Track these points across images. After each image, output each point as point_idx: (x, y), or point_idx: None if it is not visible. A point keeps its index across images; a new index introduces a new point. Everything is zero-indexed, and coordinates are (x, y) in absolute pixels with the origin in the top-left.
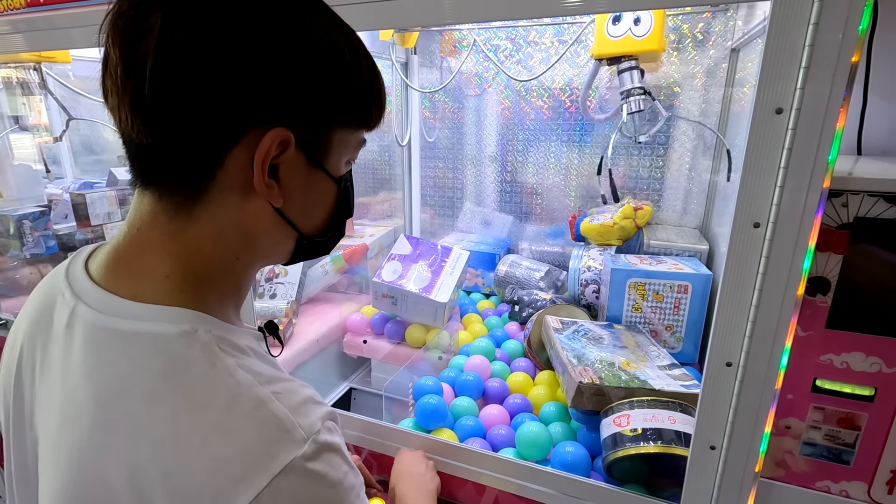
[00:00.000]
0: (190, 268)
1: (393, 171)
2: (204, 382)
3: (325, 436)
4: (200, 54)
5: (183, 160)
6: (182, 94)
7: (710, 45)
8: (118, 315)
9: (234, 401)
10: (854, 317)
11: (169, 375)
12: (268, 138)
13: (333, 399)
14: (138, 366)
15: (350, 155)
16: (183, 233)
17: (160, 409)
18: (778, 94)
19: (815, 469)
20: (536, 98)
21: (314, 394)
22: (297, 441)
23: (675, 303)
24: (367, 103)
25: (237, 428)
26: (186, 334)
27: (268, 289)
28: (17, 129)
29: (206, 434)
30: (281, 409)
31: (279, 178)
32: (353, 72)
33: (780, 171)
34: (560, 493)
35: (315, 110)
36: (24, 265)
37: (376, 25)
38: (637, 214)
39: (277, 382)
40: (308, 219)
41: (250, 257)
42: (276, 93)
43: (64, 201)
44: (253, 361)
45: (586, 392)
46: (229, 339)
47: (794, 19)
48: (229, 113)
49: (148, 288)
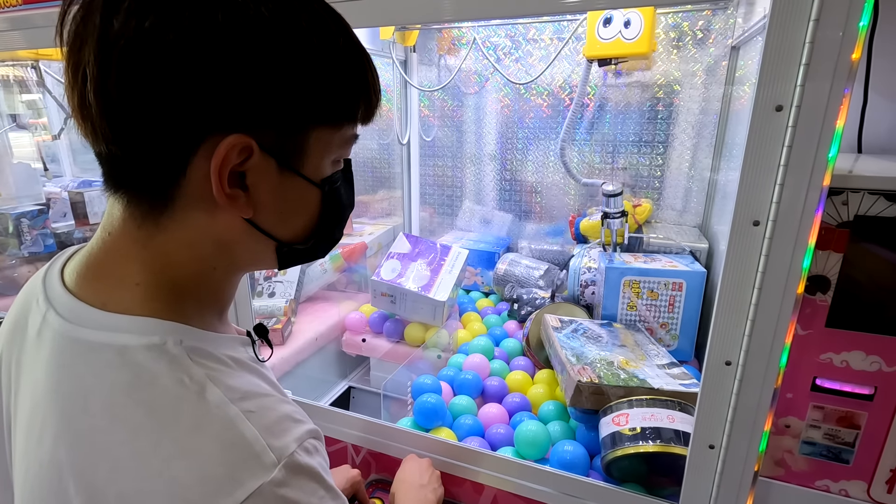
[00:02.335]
0: (163, 276)
1: (392, 170)
2: (169, 399)
3: (301, 458)
4: (144, 59)
5: (143, 168)
6: (128, 101)
7: (710, 42)
8: (86, 325)
9: (201, 421)
10: (854, 315)
11: (132, 391)
12: (223, 147)
13: (332, 398)
14: (103, 379)
15: (337, 154)
16: (153, 240)
17: (121, 427)
18: (778, 92)
19: (814, 468)
20: (536, 96)
21: (294, 410)
22: (266, 466)
23: (670, 300)
24: (350, 98)
25: (201, 450)
26: (154, 346)
27: (266, 287)
28: (15, 126)
29: (167, 456)
30: (251, 430)
31: (247, 186)
32: (328, 66)
33: (779, 169)
34: (559, 493)
35: (282, 112)
36: (23, 263)
37: (375, 22)
38: (636, 211)
39: (252, 399)
40: (285, 227)
41: (229, 267)
42: (231, 97)
43: (62, 200)
44: (230, 373)
45: (585, 391)
46: (205, 350)
47: (795, 16)
48: (182, 120)
49: (118, 296)
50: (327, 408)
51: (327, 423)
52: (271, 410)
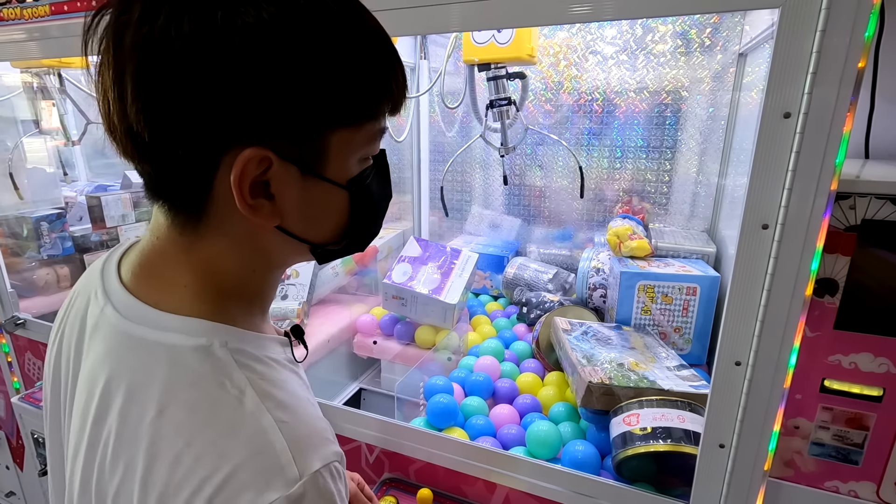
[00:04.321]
0: (208, 279)
1: (402, 175)
2: (209, 402)
3: (323, 480)
4: (155, 81)
5: (174, 183)
6: (147, 124)
7: (717, 49)
8: (140, 322)
9: (235, 425)
10: (862, 318)
11: (178, 390)
12: (239, 161)
13: (343, 399)
14: (153, 376)
15: (363, 152)
16: (194, 247)
17: (163, 422)
18: (786, 99)
19: (823, 469)
20: (544, 102)
21: (326, 428)
22: (288, 480)
23: (684, 305)
24: (368, 98)
25: (231, 453)
26: (201, 348)
27: (279, 290)
28: (38, 132)
29: (199, 454)
30: (280, 442)
31: (272, 195)
32: (341, 70)
33: (788, 174)
34: (570, 491)
35: (297, 121)
36: (41, 266)
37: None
38: (633, 248)
39: (288, 409)
40: (316, 230)
41: (268, 267)
42: (245, 111)
43: (79, 204)
44: (272, 377)
45: (596, 392)
46: (250, 352)
47: (802, 26)
48: (200, 138)
49: (169, 296)
50: (342, 407)
51: (342, 423)
52: (304, 425)
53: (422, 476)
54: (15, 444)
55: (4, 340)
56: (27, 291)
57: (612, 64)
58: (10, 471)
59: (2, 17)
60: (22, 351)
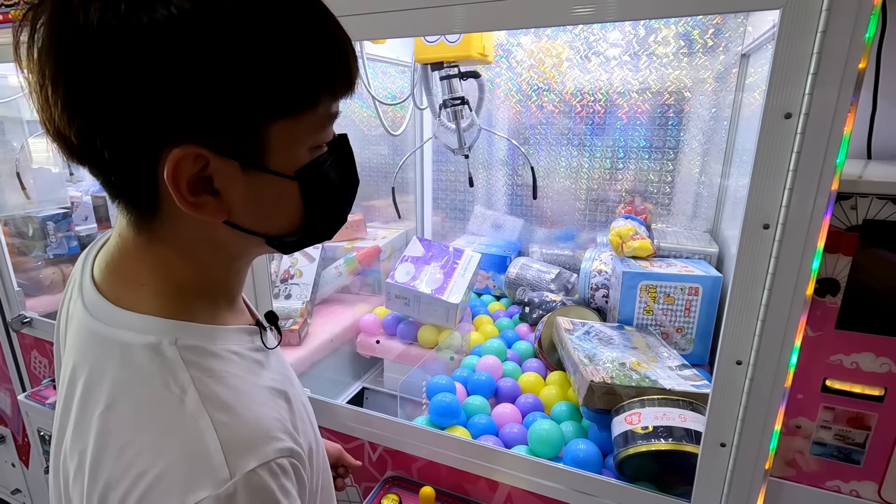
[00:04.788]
0: (166, 276)
1: (405, 175)
2: (153, 401)
3: (259, 479)
4: (82, 82)
5: (120, 183)
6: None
7: (720, 50)
8: (100, 318)
9: (174, 425)
10: (864, 317)
11: (126, 387)
12: (170, 160)
13: (346, 398)
14: (105, 370)
15: (312, 140)
16: (151, 245)
17: (112, 416)
18: (787, 100)
19: (825, 469)
20: (547, 103)
21: (274, 427)
22: (218, 480)
23: (686, 305)
24: (305, 85)
25: (168, 452)
26: (151, 347)
27: (283, 290)
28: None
29: (139, 451)
30: (214, 443)
31: (218, 191)
32: (272, 59)
33: (789, 174)
34: (572, 490)
35: (230, 116)
36: (48, 265)
37: (387, 34)
38: (634, 248)
39: (231, 410)
40: (268, 223)
41: (228, 261)
42: (169, 108)
43: (85, 203)
44: (223, 373)
45: (598, 391)
46: (203, 348)
47: (803, 27)
48: (131, 138)
49: (129, 294)
50: (345, 405)
51: (345, 421)
52: (245, 425)
53: (424, 474)
54: (21, 442)
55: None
56: (33, 290)
57: (614, 65)
58: (16, 468)
59: (9, 19)
60: (28, 349)
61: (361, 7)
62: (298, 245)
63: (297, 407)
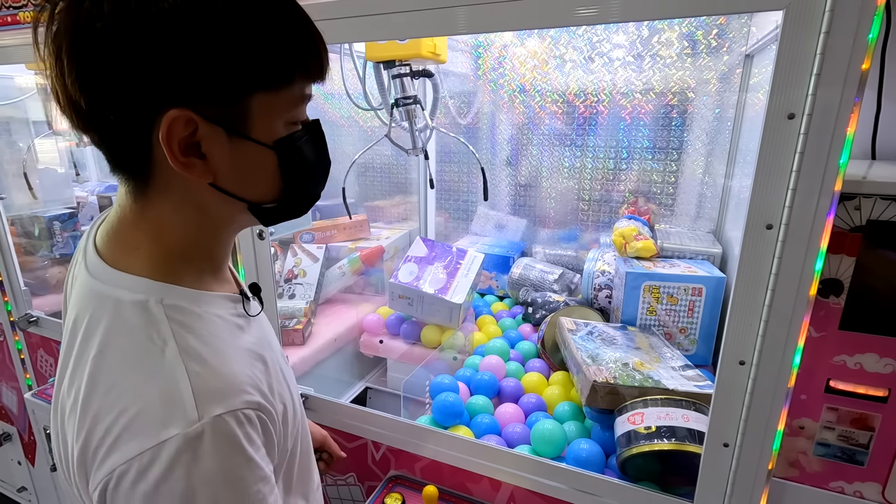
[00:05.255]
0: (158, 241)
1: (409, 175)
2: (137, 350)
3: (226, 425)
4: (83, 53)
5: (120, 150)
6: (83, 93)
7: (724, 50)
8: (99, 278)
9: (154, 372)
10: (867, 318)
11: (115, 337)
12: (164, 122)
13: (350, 398)
14: (100, 322)
15: (288, 115)
16: (146, 210)
17: (103, 360)
18: (790, 101)
19: (828, 469)
20: (551, 104)
21: (246, 382)
22: (189, 420)
23: (690, 305)
24: (283, 62)
25: (147, 395)
26: (139, 303)
27: (287, 289)
28: (50, 133)
29: (122, 391)
30: (187, 390)
31: (205, 155)
32: (254, 35)
33: (792, 175)
34: (574, 490)
35: (216, 85)
36: (54, 265)
37: (392, 36)
38: (638, 249)
39: (206, 363)
40: (249, 188)
41: (213, 226)
42: (166, 77)
43: (90, 203)
44: (205, 330)
45: (601, 391)
46: (185, 308)
47: (806, 28)
48: (129, 103)
49: (124, 257)
50: (349, 405)
51: (348, 420)
52: (217, 377)
53: (427, 473)
54: (27, 440)
55: (18, 337)
56: (40, 289)
57: (618, 65)
58: (22, 466)
59: (18, 21)
60: (35, 348)
61: (365, 9)
62: (276, 214)
63: (274, 369)
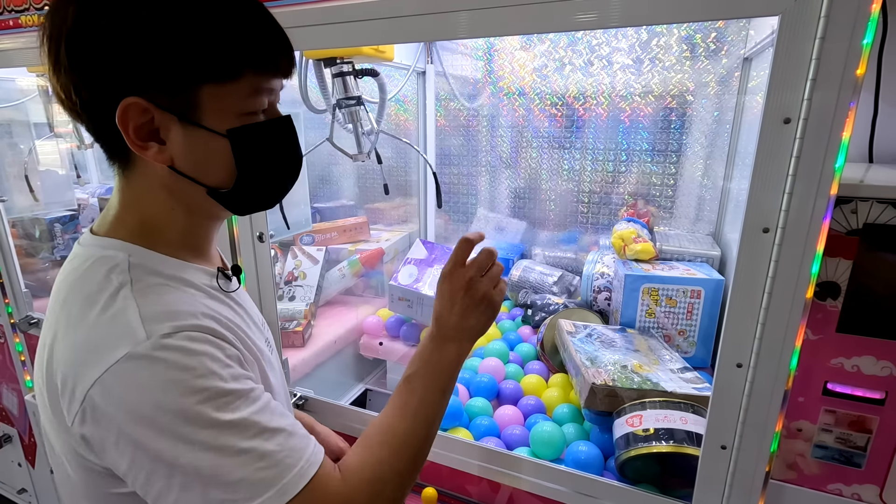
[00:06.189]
0: (134, 212)
1: (408, 178)
2: (94, 290)
3: (174, 340)
4: (66, 47)
5: (103, 135)
6: (68, 82)
7: (722, 53)
8: (81, 242)
9: (106, 307)
10: (865, 321)
11: (80, 284)
12: (120, 106)
13: (349, 400)
14: (70, 274)
15: (243, 106)
16: (127, 188)
17: (65, 308)
18: (786, 105)
19: (826, 472)
20: (550, 106)
21: (196, 312)
22: (137, 340)
23: (688, 308)
24: (229, 58)
25: (97, 325)
26: (106, 258)
27: (287, 292)
28: (52, 135)
29: (77, 330)
30: (135, 316)
31: (163, 140)
32: (199, 31)
33: (788, 179)
34: (573, 492)
35: (166, 76)
36: (54, 266)
37: (391, 39)
38: (637, 251)
39: (157, 300)
40: (206, 173)
41: (184, 209)
42: (124, 67)
43: (91, 205)
44: (167, 285)
45: (599, 393)
46: (151, 267)
47: (802, 33)
48: (96, 92)
49: (105, 225)
50: (348, 407)
51: (348, 422)
52: (165, 305)
53: (426, 475)
54: (27, 442)
55: (18, 339)
56: (41, 291)
57: (617, 68)
58: (23, 468)
59: (20, 24)
60: (35, 350)
61: (367, 14)
62: (236, 201)
63: (246, 343)
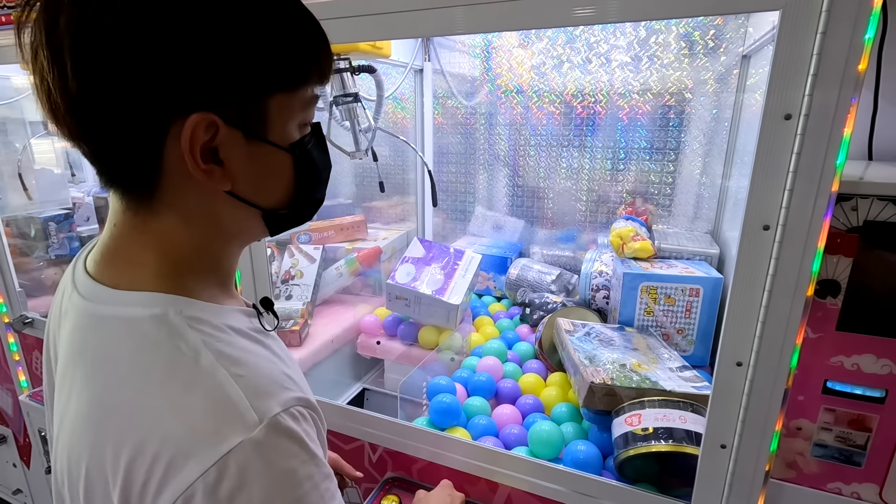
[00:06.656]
0: (165, 255)
1: (406, 176)
2: (167, 363)
3: (284, 421)
4: (92, 50)
5: (122, 160)
6: (88, 96)
7: (721, 51)
8: (100, 301)
9: (193, 382)
10: (865, 319)
11: (137, 357)
12: (187, 127)
13: (347, 399)
14: (113, 348)
15: (300, 117)
16: (150, 225)
17: (126, 387)
18: (786, 101)
19: (826, 471)
20: (548, 104)
21: (286, 379)
22: (248, 424)
23: (687, 306)
24: (300, 63)
25: (192, 407)
26: (157, 317)
27: (284, 290)
28: (46, 133)
29: (161, 412)
30: (237, 392)
31: (222, 161)
32: (274, 35)
33: (788, 176)
34: (572, 491)
35: (236, 85)
36: (49, 266)
37: (388, 36)
38: (635, 250)
39: (244, 365)
40: (265, 194)
41: (224, 237)
42: (185, 78)
43: (87, 204)
44: (227, 340)
45: (598, 392)
46: (205, 319)
47: (803, 28)
48: (143, 108)
49: (128, 276)
50: (345, 406)
51: (345, 422)
52: (261, 375)
53: (424, 475)
54: (22, 442)
55: (13, 339)
56: (35, 291)
57: (615, 66)
58: (18, 468)
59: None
60: (30, 349)
61: (363, 9)
62: (286, 221)
63: (300, 378)
